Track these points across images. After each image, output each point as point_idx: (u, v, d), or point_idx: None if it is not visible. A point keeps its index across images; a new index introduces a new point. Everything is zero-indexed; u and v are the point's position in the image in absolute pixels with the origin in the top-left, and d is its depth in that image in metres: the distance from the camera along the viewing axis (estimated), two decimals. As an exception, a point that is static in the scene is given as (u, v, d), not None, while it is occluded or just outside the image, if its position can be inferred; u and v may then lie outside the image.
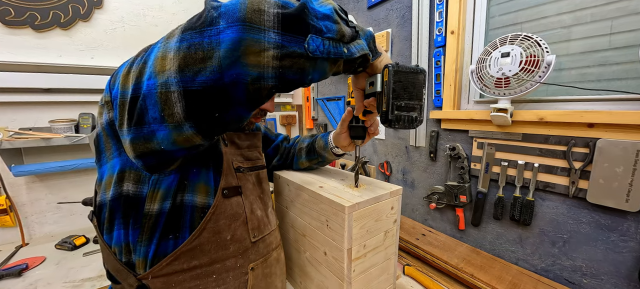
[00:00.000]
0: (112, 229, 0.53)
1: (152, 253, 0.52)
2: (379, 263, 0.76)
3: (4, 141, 1.17)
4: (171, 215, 0.52)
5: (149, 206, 0.51)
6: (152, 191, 0.51)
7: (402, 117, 0.49)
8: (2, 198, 1.29)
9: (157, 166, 0.48)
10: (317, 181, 0.85)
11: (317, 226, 0.77)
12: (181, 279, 0.54)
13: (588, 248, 0.89)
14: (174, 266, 0.53)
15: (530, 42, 0.89)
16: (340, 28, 0.43)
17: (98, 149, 0.55)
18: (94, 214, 0.58)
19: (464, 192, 1.17)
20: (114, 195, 0.51)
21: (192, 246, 0.54)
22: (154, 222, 0.51)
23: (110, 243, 0.54)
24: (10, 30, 1.28)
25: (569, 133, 0.88)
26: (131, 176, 0.50)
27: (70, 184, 1.48)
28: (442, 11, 1.18)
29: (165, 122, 0.39)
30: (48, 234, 1.45)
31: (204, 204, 0.55)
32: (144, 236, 0.51)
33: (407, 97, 0.49)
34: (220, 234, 0.57)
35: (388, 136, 1.56)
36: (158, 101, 0.38)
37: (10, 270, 1.06)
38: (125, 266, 0.53)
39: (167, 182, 0.51)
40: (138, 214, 0.51)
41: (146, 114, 0.40)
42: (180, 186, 0.53)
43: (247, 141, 0.72)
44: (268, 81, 0.38)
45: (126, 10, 1.53)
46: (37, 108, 1.36)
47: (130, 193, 0.50)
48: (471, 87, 1.18)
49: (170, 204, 0.51)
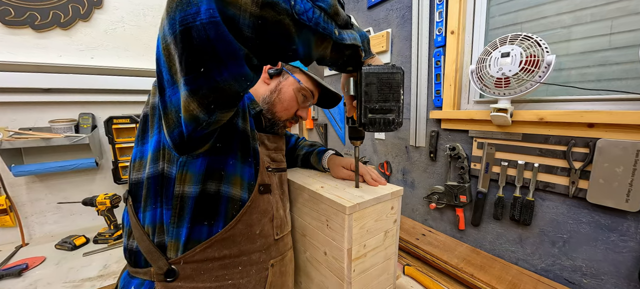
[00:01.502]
0: (147, 208, 0.55)
1: (184, 236, 0.53)
2: (379, 263, 0.76)
3: (4, 141, 1.17)
4: (204, 201, 0.53)
5: (178, 188, 0.52)
6: (181, 173, 0.52)
7: (377, 120, 0.47)
8: (2, 198, 1.29)
9: (183, 146, 0.44)
10: (318, 181, 0.85)
11: (317, 226, 0.77)
12: (210, 267, 0.55)
13: (588, 248, 0.89)
14: (206, 253, 0.54)
15: (530, 42, 0.89)
16: (335, 4, 0.40)
17: (143, 128, 0.57)
18: (129, 194, 0.59)
19: (464, 192, 1.17)
20: (151, 173, 0.52)
21: (226, 236, 0.56)
22: (183, 204, 0.52)
23: (143, 222, 0.55)
24: (10, 30, 1.28)
25: (569, 133, 0.88)
26: (165, 155, 0.52)
27: (70, 184, 1.48)
28: (442, 11, 1.18)
29: (175, 83, 0.38)
30: (48, 234, 1.45)
31: (238, 197, 0.57)
32: (175, 218, 0.52)
33: (381, 99, 0.46)
34: (252, 227, 0.59)
35: (388, 136, 1.56)
36: (165, 59, 0.37)
37: (10, 270, 1.07)
38: (158, 247, 0.54)
39: (195, 166, 0.52)
40: (169, 194, 0.52)
41: (162, 79, 0.39)
42: (215, 175, 0.54)
43: (274, 143, 0.74)
44: (244, 28, 0.33)
45: (126, 10, 1.53)
46: (37, 108, 1.36)
47: (164, 171, 0.52)
48: (471, 87, 1.18)
49: (200, 189, 0.52)
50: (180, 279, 0.54)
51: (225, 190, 0.55)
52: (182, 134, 0.41)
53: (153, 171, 0.53)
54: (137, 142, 0.58)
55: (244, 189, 0.58)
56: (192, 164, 0.52)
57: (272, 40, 0.36)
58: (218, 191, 0.54)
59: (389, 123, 0.48)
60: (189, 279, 0.55)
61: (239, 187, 0.57)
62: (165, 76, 0.38)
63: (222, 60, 0.34)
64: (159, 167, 0.52)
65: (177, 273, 0.54)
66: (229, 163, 0.55)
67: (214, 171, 0.53)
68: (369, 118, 0.47)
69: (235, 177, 0.56)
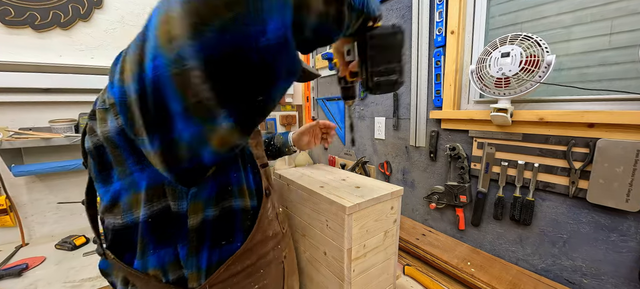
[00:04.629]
0: (147, 253, 0.48)
1: (205, 262, 0.50)
2: (379, 263, 0.76)
3: (4, 141, 1.17)
4: (218, 222, 0.50)
5: (192, 221, 0.47)
6: (194, 205, 0.47)
7: (382, 83, 0.47)
8: (2, 198, 1.29)
9: (192, 178, 0.36)
10: (317, 180, 0.84)
11: (317, 226, 0.77)
12: (236, 280, 0.54)
13: (588, 248, 0.89)
14: (230, 271, 0.53)
15: (530, 42, 0.89)
16: None
17: (102, 163, 0.46)
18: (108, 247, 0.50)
19: (464, 192, 1.17)
20: (147, 216, 0.45)
21: (247, 248, 0.54)
22: (200, 233, 0.49)
23: (145, 267, 0.49)
24: (10, 30, 1.28)
25: (569, 133, 0.88)
26: (168, 191, 0.45)
27: (70, 184, 1.48)
28: (442, 11, 1.18)
29: (191, 115, 0.28)
30: (48, 234, 1.45)
31: (247, 207, 0.55)
32: (193, 250, 0.49)
33: (385, 61, 0.46)
34: (266, 232, 0.59)
35: (388, 136, 1.56)
36: (175, 85, 0.26)
37: (10, 270, 1.06)
38: (175, 284, 0.50)
39: (207, 191, 0.48)
40: (182, 232, 0.48)
41: (164, 108, 0.29)
42: (223, 193, 0.50)
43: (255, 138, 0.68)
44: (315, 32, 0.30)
45: (126, 10, 1.53)
46: (37, 108, 1.36)
47: (172, 209, 0.46)
48: (471, 87, 1.18)
49: (214, 212, 0.49)
50: None
51: (236, 205, 0.53)
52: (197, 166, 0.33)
53: (151, 211, 0.45)
54: (98, 180, 0.48)
55: (252, 198, 0.57)
56: (203, 191, 0.48)
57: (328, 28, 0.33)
58: (231, 208, 0.52)
59: (393, 83, 0.48)
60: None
61: (247, 197, 0.56)
62: (173, 107, 0.28)
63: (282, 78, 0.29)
64: (161, 206, 0.46)
65: None
66: (232, 176, 0.53)
67: (222, 189, 0.51)
68: (375, 82, 0.47)
69: (242, 187, 0.54)
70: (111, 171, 0.45)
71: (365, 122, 1.70)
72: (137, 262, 0.49)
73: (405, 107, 1.43)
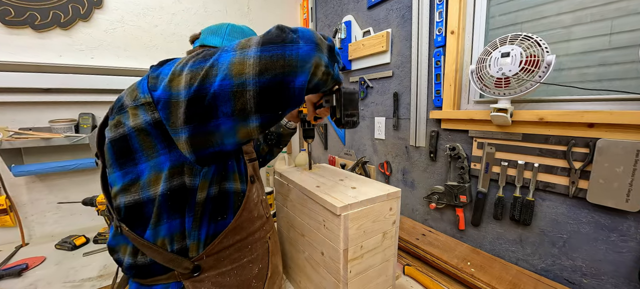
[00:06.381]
0: (160, 223, 0.57)
1: (204, 234, 0.61)
2: (377, 264, 0.76)
3: (4, 141, 1.18)
4: (216, 200, 0.61)
5: (200, 195, 0.58)
6: (203, 182, 0.58)
7: (349, 121, 0.72)
8: (2, 198, 1.29)
9: (211, 158, 0.55)
10: (315, 180, 0.84)
11: (314, 226, 0.77)
12: (228, 253, 0.65)
13: (588, 248, 0.89)
14: (223, 243, 0.64)
15: (530, 42, 0.89)
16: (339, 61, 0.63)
17: (129, 149, 0.55)
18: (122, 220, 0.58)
19: (464, 192, 1.17)
20: (166, 189, 0.55)
21: (236, 225, 0.65)
22: (203, 208, 0.59)
23: (154, 238, 0.58)
24: (10, 30, 1.28)
25: (569, 133, 0.88)
26: (186, 169, 0.56)
27: (70, 184, 1.48)
28: (442, 11, 1.18)
29: (234, 116, 0.48)
30: (48, 234, 1.45)
31: (239, 189, 0.66)
32: (196, 222, 0.59)
33: (351, 108, 0.71)
34: (252, 212, 0.70)
35: (388, 136, 1.55)
36: (232, 98, 0.46)
37: (10, 270, 1.07)
38: (178, 253, 0.59)
39: (211, 171, 0.59)
40: (191, 203, 0.58)
41: (215, 110, 0.47)
42: (221, 175, 0.62)
43: None
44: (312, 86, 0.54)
45: (126, 10, 1.53)
46: (37, 108, 1.36)
47: (187, 184, 0.56)
48: (471, 87, 1.17)
49: (214, 190, 0.60)
50: (205, 270, 0.62)
51: (229, 186, 0.63)
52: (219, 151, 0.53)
53: (170, 186, 0.55)
54: (115, 166, 0.57)
55: (242, 182, 0.67)
56: (209, 171, 0.58)
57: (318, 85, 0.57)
58: (226, 189, 0.63)
59: (355, 123, 0.73)
60: (213, 269, 0.64)
61: (239, 181, 0.66)
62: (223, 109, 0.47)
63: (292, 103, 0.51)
64: (179, 182, 0.56)
65: (201, 267, 0.62)
66: (228, 162, 0.64)
67: (221, 172, 0.62)
68: (346, 120, 0.71)
69: (235, 173, 0.65)
70: (135, 155, 0.55)
71: (365, 122, 1.70)
72: (148, 233, 0.58)
73: (405, 107, 1.43)
